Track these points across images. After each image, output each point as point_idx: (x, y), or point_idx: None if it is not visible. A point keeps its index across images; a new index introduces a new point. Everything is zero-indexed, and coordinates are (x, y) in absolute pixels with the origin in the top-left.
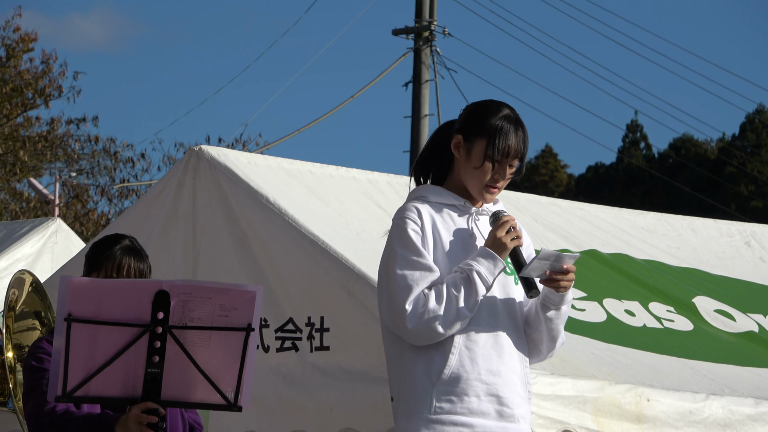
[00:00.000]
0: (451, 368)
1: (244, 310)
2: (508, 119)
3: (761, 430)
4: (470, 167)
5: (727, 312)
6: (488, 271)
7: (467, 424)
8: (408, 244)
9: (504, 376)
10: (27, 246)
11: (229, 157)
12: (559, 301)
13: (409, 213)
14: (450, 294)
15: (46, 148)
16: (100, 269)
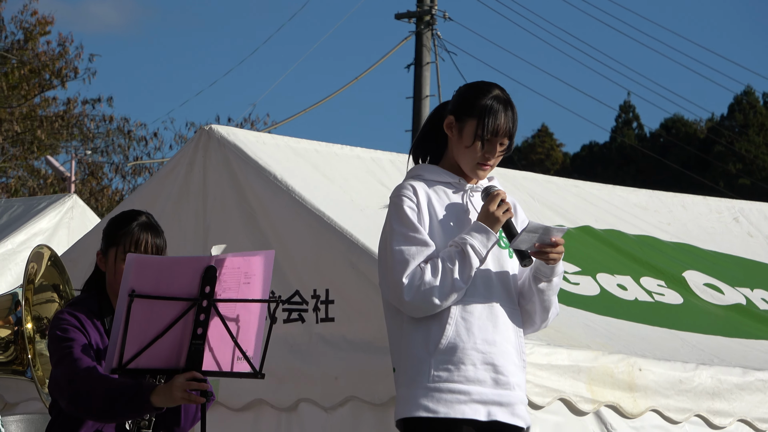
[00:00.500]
0: (448, 338)
1: (260, 275)
2: (497, 99)
3: (748, 398)
4: (462, 146)
5: (715, 286)
6: (481, 244)
7: (464, 392)
8: (404, 221)
9: (499, 345)
10: (44, 221)
11: (238, 136)
12: (550, 273)
13: (405, 191)
14: (445, 267)
15: (63, 127)
16: (118, 245)
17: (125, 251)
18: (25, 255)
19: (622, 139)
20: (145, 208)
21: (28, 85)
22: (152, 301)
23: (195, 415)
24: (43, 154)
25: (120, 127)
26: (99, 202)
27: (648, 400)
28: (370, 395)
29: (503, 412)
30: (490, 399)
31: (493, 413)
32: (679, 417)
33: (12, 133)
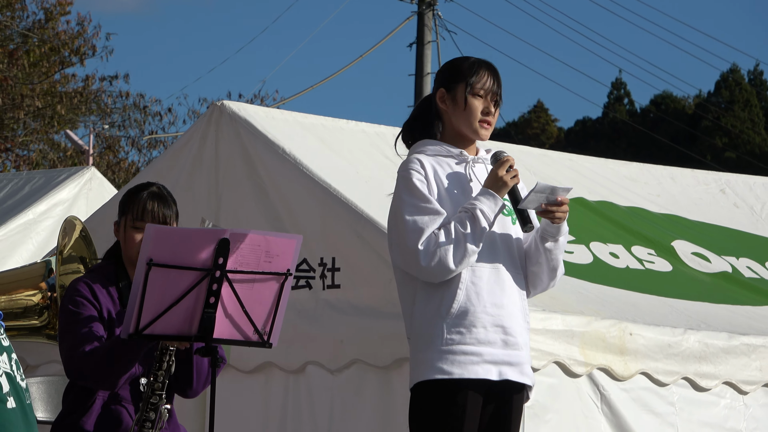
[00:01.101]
0: (459, 303)
1: (285, 257)
2: (477, 62)
3: (733, 361)
4: (459, 111)
5: (703, 254)
6: (489, 209)
7: (476, 353)
8: (415, 192)
9: (507, 307)
10: (64, 192)
11: (249, 112)
12: (556, 232)
13: (413, 164)
14: (458, 232)
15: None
16: (128, 213)
17: (133, 219)
18: (46, 224)
19: (613, 114)
20: (159, 180)
21: (49, 62)
22: (168, 270)
23: (207, 377)
24: (63, 129)
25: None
26: (116, 174)
27: (638, 363)
28: (374, 358)
29: (513, 371)
30: (501, 359)
31: (504, 373)
32: (667, 379)
33: (33, 108)
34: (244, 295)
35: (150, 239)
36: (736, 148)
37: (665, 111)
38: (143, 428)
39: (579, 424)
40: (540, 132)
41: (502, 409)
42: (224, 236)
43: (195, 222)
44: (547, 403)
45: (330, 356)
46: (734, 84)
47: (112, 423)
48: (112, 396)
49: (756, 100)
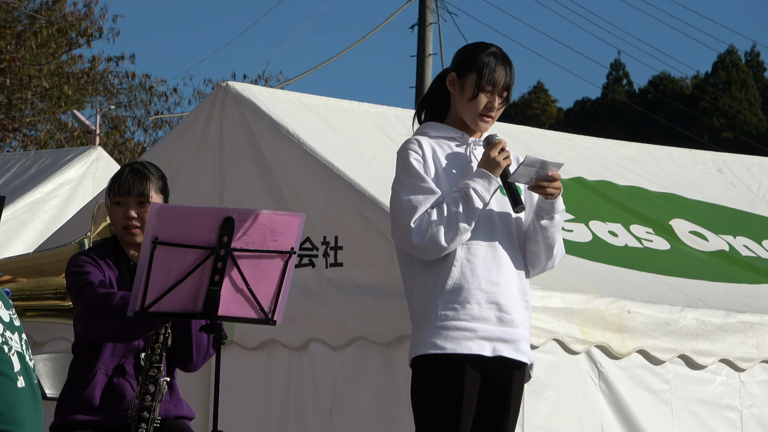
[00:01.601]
0: (454, 279)
1: (289, 235)
2: (495, 55)
3: (729, 338)
4: (464, 100)
5: (700, 233)
6: (483, 188)
7: (470, 329)
8: (411, 172)
9: (502, 285)
10: (71, 172)
11: (253, 92)
12: (551, 209)
13: (411, 145)
14: (450, 210)
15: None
16: (111, 188)
17: (113, 195)
18: (53, 204)
19: (612, 95)
20: (164, 159)
21: (56, 43)
22: (173, 248)
23: (207, 351)
24: (70, 109)
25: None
26: (122, 154)
27: (636, 340)
28: (376, 335)
29: (508, 348)
30: (495, 336)
31: (498, 349)
32: (665, 356)
33: (41, 89)
34: (249, 274)
35: (154, 217)
36: (733, 128)
37: (663, 92)
38: (144, 401)
39: (578, 401)
40: (540, 112)
41: (500, 387)
42: (229, 215)
43: (200, 203)
44: (547, 380)
45: (333, 333)
46: (731, 65)
47: (116, 396)
48: (116, 370)
49: (753, 81)
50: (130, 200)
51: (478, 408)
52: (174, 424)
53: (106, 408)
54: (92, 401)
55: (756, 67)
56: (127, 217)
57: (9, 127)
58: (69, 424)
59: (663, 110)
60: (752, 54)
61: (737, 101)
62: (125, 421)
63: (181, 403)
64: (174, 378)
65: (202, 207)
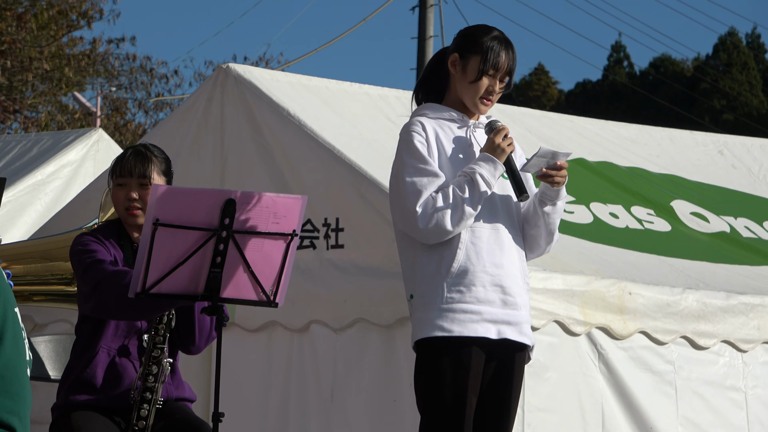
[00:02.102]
0: (459, 262)
1: (291, 217)
2: (498, 39)
3: (731, 320)
4: (466, 82)
5: (701, 214)
6: (489, 174)
7: (476, 311)
8: (415, 154)
9: (506, 267)
10: (72, 154)
11: (254, 74)
12: (555, 196)
13: (414, 127)
14: (456, 195)
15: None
16: (113, 170)
17: (115, 176)
18: (54, 185)
19: (613, 77)
20: (165, 141)
21: (57, 25)
22: (175, 230)
23: (210, 333)
24: (71, 91)
25: (143, 65)
26: (123, 135)
27: (637, 322)
28: (377, 317)
29: (512, 330)
30: (500, 318)
31: (503, 332)
32: (666, 338)
33: (42, 71)
34: (251, 256)
35: (155, 199)
36: (734, 110)
37: (664, 74)
38: (146, 382)
39: (578, 382)
40: (541, 94)
41: (503, 369)
42: (231, 197)
43: (201, 184)
44: (547, 362)
45: (333, 315)
46: (732, 47)
47: (118, 377)
48: (119, 350)
49: (753, 63)
50: (131, 182)
51: (482, 390)
52: (175, 406)
53: (107, 388)
54: (94, 381)
55: (757, 49)
56: (129, 199)
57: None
58: (71, 405)
59: (664, 92)
60: (753, 36)
61: (738, 83)
62: (127, 401)
63: (183, 385)
64: (176, 360)
65: (203, 189)
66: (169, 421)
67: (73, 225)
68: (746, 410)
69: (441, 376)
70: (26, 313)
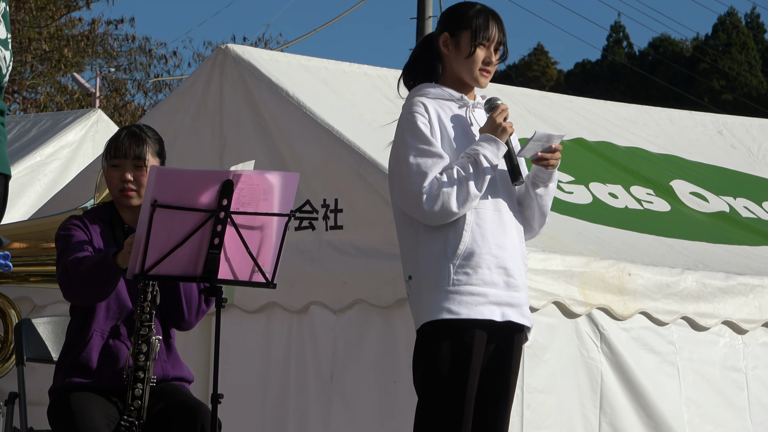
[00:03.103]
0: (466, 244)
1: (285, 196)
2: (484, 10)
3: (730, 300)
4: (461, 57)
5: (701, 194)
6: (493, 154)
7: (482, 294)
8: (419, 135)
9: (508, 249)
10: (71, 134)
11: (253, 55)
12: (548, 178)
13: (417, 107)
14: (461, 176)
15: (88, 46)
16: (108, 151)
17: (109, 158)
18: (53, 166)
19: (612, 57)
20: (164, 122)
21: (55, 6)
22: (173, 212)
23: (200, 308)
24: (70, 72)
25: (141, 46)
26: (122, 116)
27: (637, 302)
28: (376, 298)
29: (514, 312)
30: (504, 300)
31: (507, 314)
32: (667, 318)
33: (40, 51)
34: (248, 237)
35: (153, 180)
36: (734, 90)
37: (663, 54)
38: (137, 361)
39: (577, 363)
40: (540, 75)
41: (503, 350)
42: (228, 177)
43: (200, 165)
44: (546, 343)
45: (333, 296)
46: (731, 27)
47: (112, 359)
48: (112, 332)
49: (753, 43)
50: (126, 163)
51: (481, 371)
52: (172, 387)
53: (103, 370)
54: (89, 364)
55: (756, 29)
56: (123, 180)
57: (9, 90)
58: (67, 387)
59: (663, 72)
60: (752, 16)
61: (737, 63)
62: (122, 382)
63: (180, 365)
64: (172, 339)
65: (202, 170)
66: (169, 402)
67: (71, 206)
68: (747, 391)
69: (444, 359)
70: (25, 295)
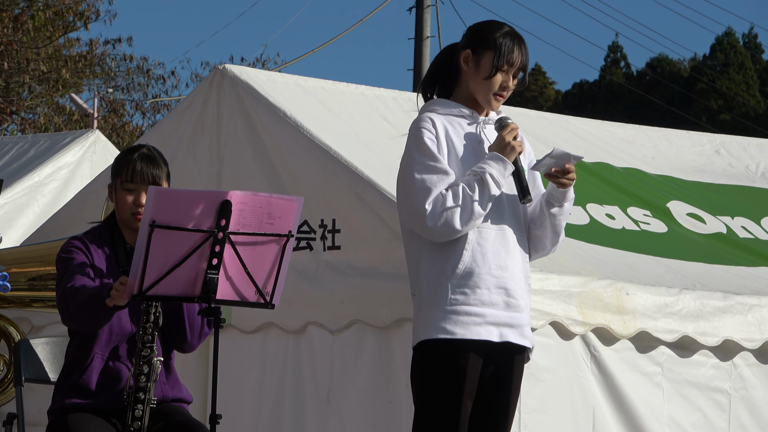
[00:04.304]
0: (465, 263)
1: (287, 218)
2: (511, 34)
3: (728, 320)
4: (479, 78)
5: (698, 215)
6: (499, 173)
7: (479, 314)
8: (425, 151)
9: (510, 269)
10: (69, 155)
11: (250, 75)
12: (562, 197)
13: (424, 123)
14: (466, 194)
15: (86, 66)
16: (119, 174)
17: (123, 181)
18: (51, 187)
19: (610, 77)
20: (162, 142)
21: (53, 26)
22: (171, 232)
23: (202, 330)
24: (68, 92)
25: (139, 66)
26: (120, 137)
27: (636, 322)
28: (374, 318)
29: (514, 333)
30: (503, 321)
31: (505, 334)
32: (666, 338)
33: (38, 72)
34: (247, 257)
35: (152, 201)
36: (731, 110)
37: (661, 74)
38: (138, 382)
39: (572, 384)
40: (538, 95)
41: (502, 371)
42: (226, 198)
43: (197, 185)
44: (543, 363)
45: (330, 316)
46: (729, 47)
47: (113, 380)
48: (112, 354)
49: (750, 63)
50: (141, 187)
51: (480, 392)
52: (171, 407)
53: (102, 391)
54: (89, 385)
55: (754, 49)
56: (138, 204)
57: (7, 111)
58: (65, 408)
59: (661, 92)
60: (750, 36)
61: (735, 83)
62: (121, 403)
63: (179, 386)
64: (171, 360)
65: (199, 190)
66: (167, 423)
67: (70, 226)
68: (729, 413)
69: (437, 379)
70: (23, 316)
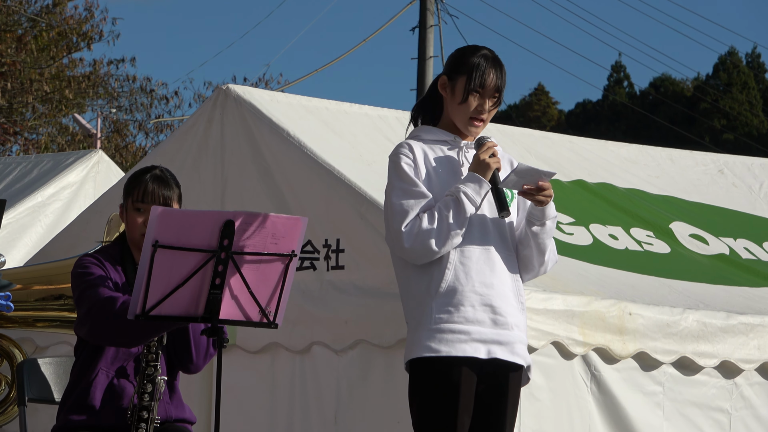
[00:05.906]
0: (447, 282)
1: (290, 238)
2: (485, 57)
3: (731, 340)
4: (455, 103)
5: (701, 236)
6: (474, 192)
7: (464, 332)
8: (402, 176)
9: (496, 287)
10: (72, 175)
11: (254, 95)
12: (541, 216)
13: (402, 149)
14: (441, 214)
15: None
16: (130, 195)
17: (134, 201)
18: (54, 207)
19: (613, 97)
20: (165, 162)
21: (57, 47)
22: (174, 252)
23: (207, 351)
24: (71, 112)
25: (143, 87)
26: (123, 157)
27: (637, 342)
28: (378, 338)
29: (503, 350)
30: (490, 338)
31: (493, 351)
32: (666, 358)
33: (42, 92)
34: (250, 277)
35: (155, 221)
36: (734, 129)
37: (664, 93)
38: (142, 400)
39: (571, 403)
40: (541, 115)
41: (496, 389)
42: (229, 218)
43: (201, 205)
44: (544, 383)
45: (335, 336)
46: (732, 66)
47: (117, 398)
48: (119, 372)
49: (754, 83)
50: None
51: (475, 410)
52: (174, 427)
53: (106, 409)
54: (93, 403)
55: (757, 69)
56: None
57: (10, 131)
58: (70, 426)
59: (664, 112)
60: (753, 55)
61: (738, 103)
62: (125, 421)
63: (183, 406)
64: (176, 380)
65: (202, 210)
66: None
67: (73, 247)
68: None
69: (432, 397)
70: (27, 336)
